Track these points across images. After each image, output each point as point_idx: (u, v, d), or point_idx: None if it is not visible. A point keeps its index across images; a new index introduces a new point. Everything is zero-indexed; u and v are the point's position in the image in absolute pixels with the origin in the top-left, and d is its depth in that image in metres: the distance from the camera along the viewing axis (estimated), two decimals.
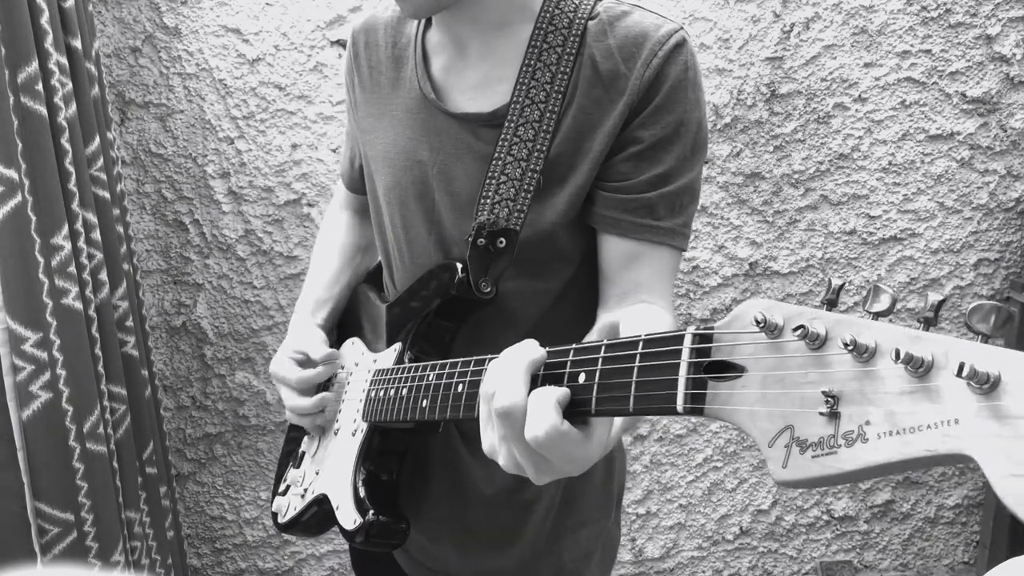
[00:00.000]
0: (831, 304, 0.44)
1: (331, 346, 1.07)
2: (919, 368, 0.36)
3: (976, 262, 1.95)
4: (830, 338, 0.41)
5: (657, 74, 0.78)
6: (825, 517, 2.11)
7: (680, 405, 0.49)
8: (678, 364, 0.50)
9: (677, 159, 0.80)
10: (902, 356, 0.37)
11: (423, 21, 0.93)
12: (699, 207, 1.91)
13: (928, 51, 1.84)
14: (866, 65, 1.85)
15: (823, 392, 0.41)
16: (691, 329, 0.50)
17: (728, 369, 0.47)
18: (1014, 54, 1.84)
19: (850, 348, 0.39)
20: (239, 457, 2.07)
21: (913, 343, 0.37)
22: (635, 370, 0.53)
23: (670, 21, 0.80)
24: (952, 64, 1.85)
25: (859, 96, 1.87)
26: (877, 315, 0.41)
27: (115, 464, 1.58)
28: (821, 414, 0.41)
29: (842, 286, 0.44)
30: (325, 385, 1.04)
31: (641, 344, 0.53)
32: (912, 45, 1.84)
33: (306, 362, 1.00)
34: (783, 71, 1.85)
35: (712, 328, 0.49)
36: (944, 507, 2.11)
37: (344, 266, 1.11)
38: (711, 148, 1.88)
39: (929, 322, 0.39)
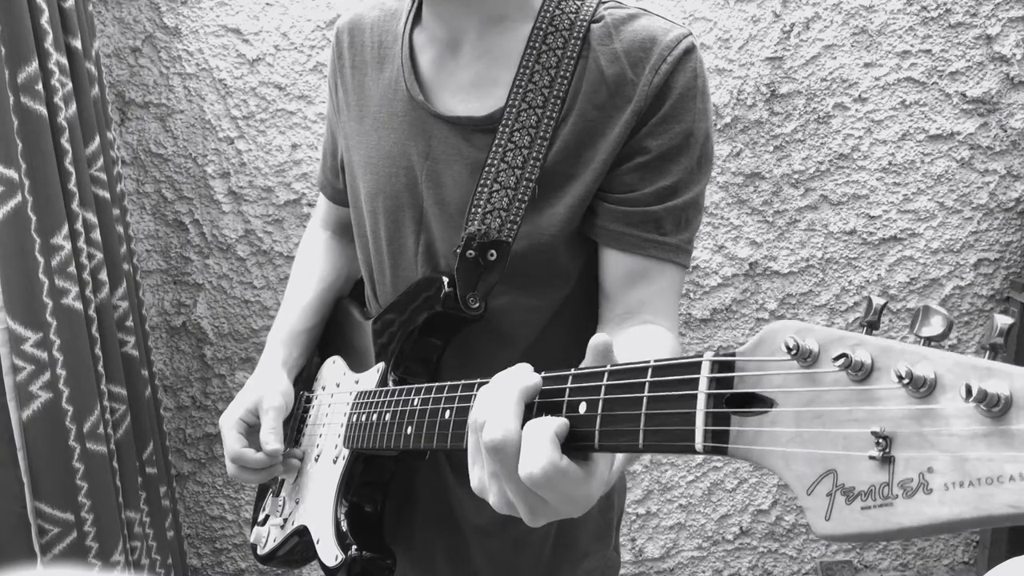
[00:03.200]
0: (872, 327, 0.38)
1: (308, 375, 1.03)
2: (994, 407, 0.31)
3: (976, 262, 1.95)
4: (877, 368, 0.36)
5: (666, 81, 0.75)
6: None
7: (699, 443, 0.43)
8: (695, 396, 0.44)
9: (685, 171, 0.76)
10: (975, 393, 0.31)
11: (411, 18, 0.88)
12: None
13: (928, 51, 1.84)
14: (866, 65, 1.85)
15: (872, 432, 0.35)
16: (709, 355, 0.44)
17: (753, 402, 0.41)
18: (1014, 54, 1.84)
19: (905, 381, 0.33)
20: None
21: (984, 376, 0.32)
22: (644, 401, 0.47)
23: (678, 26, 0.77)
24: (952, 64, 1.85)
25: (859, 96, 1.87)
26: (928, 340, 0.36)
27: (115, 464, 1.58)
28: (871, 458, 0.35)
29: (884, 305, 0.39)
30: (301, 416, 0.99)
31: (650, 371, 0.48)
32: (912, 45, 1.84)
33: (258, 427, 0.92)
34: (783, 71, 1.85)
35: (734, 354, 0.43)
36: None
37: (323, 294, 1.03)
38: None
39: (997, 349, 0.34)
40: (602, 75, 0.76)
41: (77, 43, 1.53)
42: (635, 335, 0.76)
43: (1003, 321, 0.34)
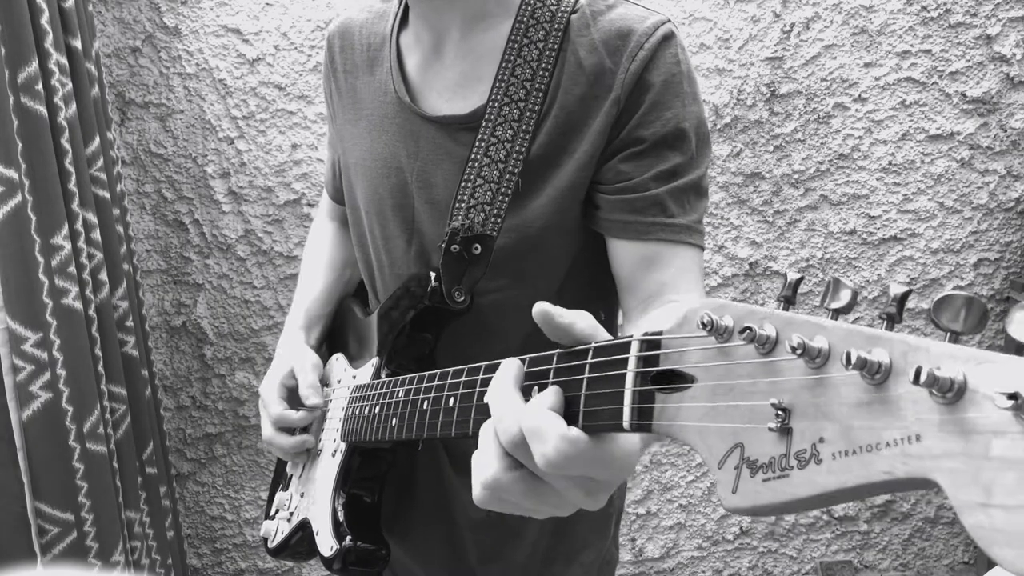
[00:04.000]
0: (788, 302, 0.39)
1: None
2: (876, 374, 0.31)
3: (976, 262, 1.95)
4: (780, 341, 0.36)
5: (645, 68, 0.74)
6: (825, 517, 2.11)
7: (627, 421, 0.44)
8: (624, 375, 0.45)
9: (683, 155, 0.76)
10: (854, 360, 0.31)
11: (398, 20, 0.88)
12: None
13: (928, 51, 1.84)
14: (866, 65, 1.85)
15: (772, 404, 0.35)
16: (637, 335, 0.45)
17: (679, 379, 0.42)
18: (1014, 54, 1.84)
19: (799, 352, 0.34)
20: (239, 457, 2.07)
21: (869, 344, 0.32)
22: (584, 382, 0.48)
23: (656, 13, 0.76)
24: (952, 64, 1.85)
25: (859, 96, 1.87)
26: (836, 312, 0.36)
27: (115, 464, 1.58)
28: (770, 430, 0.35)
29: (800, 279, 0.39)
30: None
31: (591, 352, 0.48)
32: (912, 45, 1.84)
33: (295, 389, 0.94)
34: (783, 71, 1.85)
35: (660, 333, 0.44)
36: (944, 507, 2.11)
37: (335, 282, 1.06)
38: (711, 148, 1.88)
39: (892, 319, 0.34)
40: (581, 66, 0.76)
41: (77, 43, 1.53)
42: (659, 315, 0.74)
43: (897, 290, 0.35)
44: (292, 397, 0.96)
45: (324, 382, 1.03)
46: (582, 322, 0.51)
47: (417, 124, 0.83)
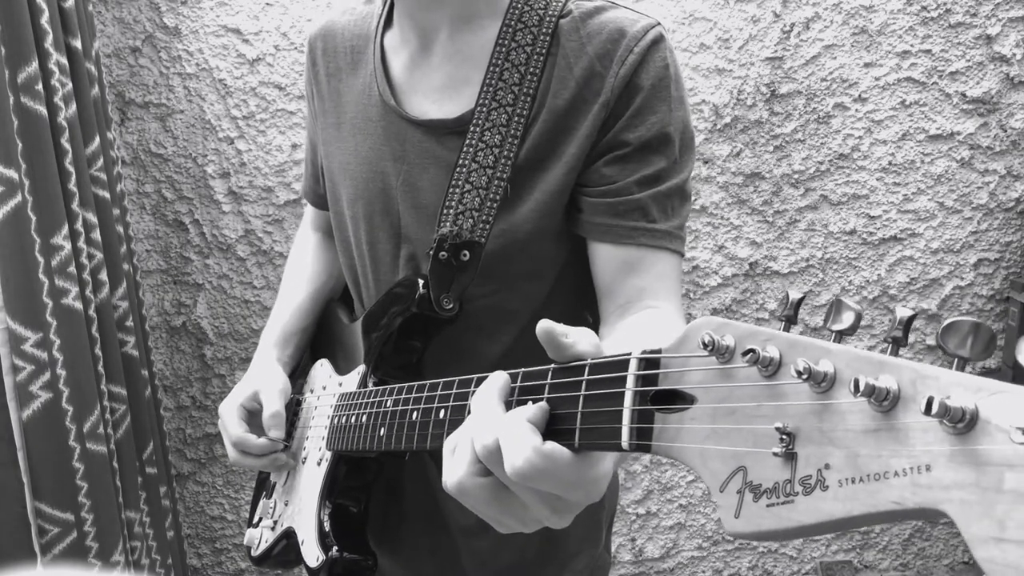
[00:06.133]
0: (789, 321, 0.38)
1: (298, 377, 1.03)
2: (883, 401, 0.31)
3: (976, 262, 1.95)
4: (785, 363, 0.35)
5: (635, 71, 0.74)
6: None
7: (625, 441, 0.43)
8: (623, 393, 0.44)
9: (667, 160, 0.76)
10: (862, 388, 0.31)
11: (383, 21, 0.88)
12: (699, 207, 1.91)
13: (928, 51, 1.84)
14: (866, 65, 1.85)
15: (776, 428, 0.35)
16: (636, 352, 0.45)
17: (678, 399, 0.41)
18: (1014, 54, 1.84)
19: (804, 377, 0.33)
20: None
21: (876, 370, 0.32)
22: (581, 399, 0.47)
23: (646, 16, 0.76)
24: (952, 64, 1.85)
25: (859, 96, 1.87)
26: (840, 334, 0.36)
27: (115, 464, 1.58)
28: (775, 454, 0.35)
29: (801, 299, 0.39)
30: (291, 419, 0.99)
31: (587, 369, 0.48)
32: (912, 45, 1.84)
33: (257, 413, 0.94)
34: (783, 71, 1.85)
35: (659, 351, 0.43)
36: None
37: (315, 295, 1.04)
38: (711, 148, 1.88)
39: (897, 343, 0.34)
40: (570, 70, 0.76)
41: (77, 43, 1.53)
42: (637, 320, 0.75)
43: (904, 313, 0.34)
44: (252, 420, 0.94)
45: (304, 389, 1.02)
46: (584, 342, 0.50)
47: (402, 127, 0.82)
